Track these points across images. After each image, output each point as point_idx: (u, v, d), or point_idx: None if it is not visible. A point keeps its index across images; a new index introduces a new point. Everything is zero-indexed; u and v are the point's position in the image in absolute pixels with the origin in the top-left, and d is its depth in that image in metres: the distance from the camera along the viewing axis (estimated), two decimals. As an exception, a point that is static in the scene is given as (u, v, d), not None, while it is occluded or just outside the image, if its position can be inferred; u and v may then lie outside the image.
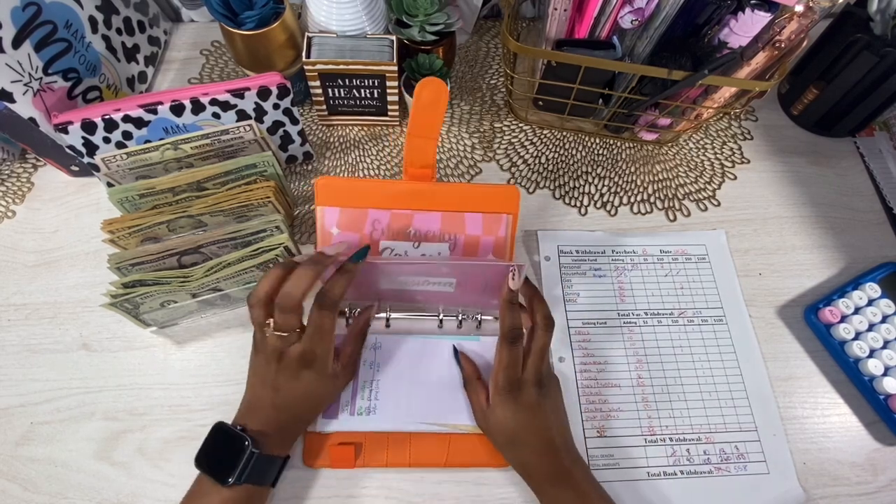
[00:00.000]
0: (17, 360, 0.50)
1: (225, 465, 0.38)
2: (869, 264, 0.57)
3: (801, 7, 0.45)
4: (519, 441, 0.42)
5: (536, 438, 0.42)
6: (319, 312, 0.40)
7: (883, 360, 0.50)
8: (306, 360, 0.41)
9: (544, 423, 0.42)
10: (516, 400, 0.42)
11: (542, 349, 0.44)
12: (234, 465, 0.38)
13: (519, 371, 0.43)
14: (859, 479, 0.47)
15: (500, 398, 0.43)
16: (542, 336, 0.44)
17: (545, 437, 0.42)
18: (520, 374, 0.43)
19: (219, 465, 0.39)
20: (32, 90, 0.49)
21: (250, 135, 0.50)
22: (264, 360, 0.41)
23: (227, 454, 0.39)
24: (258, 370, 0.42)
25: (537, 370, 0.43)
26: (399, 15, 0.56)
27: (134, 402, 0.49)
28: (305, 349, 0.40)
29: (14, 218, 0.57)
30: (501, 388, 0.43)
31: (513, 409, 0.42)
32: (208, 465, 0.39)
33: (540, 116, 0.64)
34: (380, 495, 0.45)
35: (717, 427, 0.49)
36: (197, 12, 0.70)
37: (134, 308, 0.46)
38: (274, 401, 0.41)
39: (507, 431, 0.43)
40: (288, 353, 0.40)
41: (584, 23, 0.51)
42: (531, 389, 0.42)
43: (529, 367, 0.43)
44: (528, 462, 0.42)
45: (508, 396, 0.42)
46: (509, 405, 0.42)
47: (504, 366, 0.43)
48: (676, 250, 0.57)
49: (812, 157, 0.64)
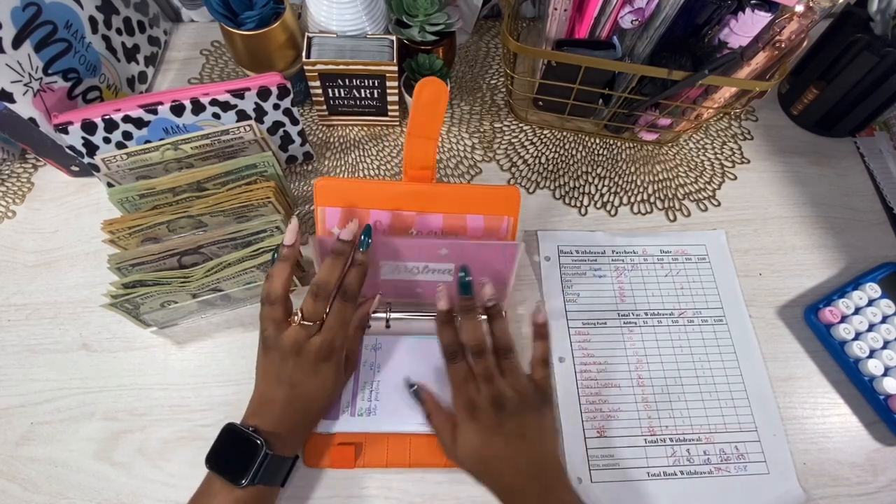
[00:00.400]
0: (17, 360, 0.50)
1: (238, 465, 0.38)
2: (869, 264, 0.57)
3: (801, 7, 0.45)
4: (486, 461, 0.40)
5: (501, 464, 0.40)
6: (342, 304, 0.41)
7: (883, 360, 0.50)
8: (326, 352, 0.41)
9: (509, 447, 0.40)
10: (476, 421, 0.40)
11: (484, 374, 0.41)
12: (248, 466, 0.38)
13: (471, 391, 0.41)
14: (859, 479, 0.47)
15: (461, 419, 0.41)
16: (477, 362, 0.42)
17: (512, 462, 0.39)
18: (473, 394, 0.41)
19: (231, 466, 0.39)
20: (32, 90, 0.49)
21: (250, 135, 0.50)
22: (279, 357, 0.41)
23: (240, 455, 0.39)
24: (271, 368, 0.41)
25: (490, 393, 0.40)
26: (399, 15, 0.56)
27: (134, 402, 0.49)
28: (326, 339, 0.41)
29: (14, 218, 0.57)
30: (460, 408, 0.41)
31: (473, 430, 0.40)
32: (220, 466, 0.39)
33: (540, 116, 0.64)
34: (380, 495, 0.45)
35: (717, 427, 0.49)
36: (197, 12, 0.70)
37: (134, 308, 0.46)
38: (288, 397, 0.41)
39: (472, 456, 0.40)
40: (308, 346, 0.40)
41: (584, 23, 0.51)
42: (489, 412, 0.40)
43: (482, 388, 0.41)
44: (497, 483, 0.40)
45: (467, 418, 0.41)
46: (469, 427, 0.40)
47: (454, 385, 0.42)
48: (676, 250, 0.57)
49: (812, 157, 0.64)
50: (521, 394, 0.41)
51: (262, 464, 0.38)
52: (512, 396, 0.40)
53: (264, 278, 0.42)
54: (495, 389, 0.40)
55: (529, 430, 0.40)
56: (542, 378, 0.43)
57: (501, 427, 0.40)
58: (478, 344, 0.42)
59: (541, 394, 0.42)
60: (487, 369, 0.41)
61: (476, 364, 0.42)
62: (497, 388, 0.40)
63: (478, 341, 0.42)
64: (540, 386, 0.43)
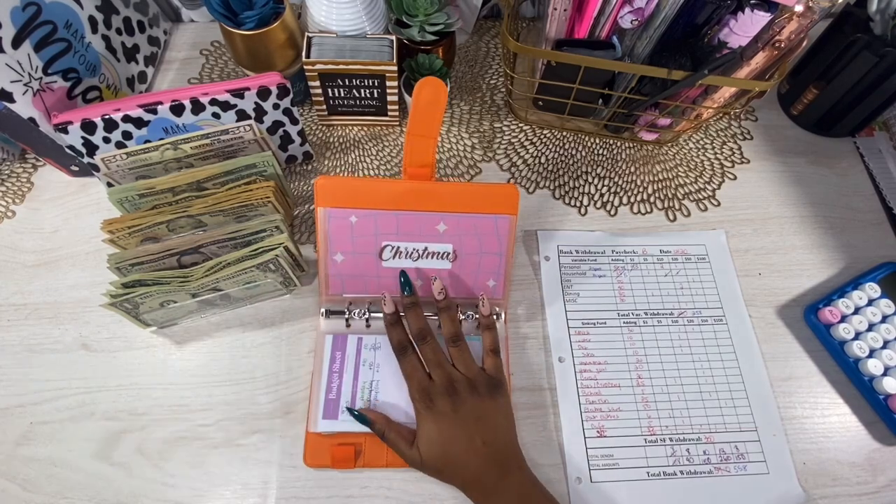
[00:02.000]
0: (17, 360, 0.50)
1: None
2: (869, 264, 0.57)
3: (801, 7, 0.45)
4: (449, 453, 0.41)
5: (459, 449, 0.41)
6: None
7: (883, 360, 0.50)
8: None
9: (466, 430, 0.42)
10: (432, 410, 0.42)
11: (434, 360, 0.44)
12: None
13: (423, 379, 0.43)
14: (859, 479, 0.47)
15: (418, 412, 0.43)
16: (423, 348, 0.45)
17: (470, 446, 0.41)
18: (425, 382, 0.43)
19: None
20: (32, 90, 0.49)
21: (250, 135, 0.50)
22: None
23: None
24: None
25: (442, 378, 0.43)
26: (399, 15, 0.56)
27: (134, 402, 0.49)
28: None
29: (14, 218, 0.57)
30: (416, 402, 0.43)
31: (431, 420, 0.42)
32: None
33: (540, 116, 0.64)
34: (379, 495, 0.45)
35: (717, 427, 0.49)
36: (197, 12, 0.70)
37: (134, 308, 0.46)
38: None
39: (432, 449, 0.42)
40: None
41: (584, 23, 0.51)
42: (443, 397, 0.42)
43: (433, 375, 0.44)
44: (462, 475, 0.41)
45: (423, 409, 0.43)
46: (427, 417, 0.42)
47: (408, 378, 0.44)
48: (676, 250, 0.57)
49: (812, 157, 0.64)
50: (471, 379, 0.44)
51: None
52: (461, 379, 0.43)
53: None
54: (445, 374, 0.43)
55: (484, 413, 0.42)
56: (492, 367, 0.45)
57: (457, 412, 0.42)
58: (421, 330, 0.45)
59: (493, 382, 0.44)
60: (436, 354, 0.44)
61: (423, 350, 0.45)
62: (447, 373, 0.43)
63: (420, 328, 0.45)
64: (491, 375, 0.45)
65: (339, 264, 0.49)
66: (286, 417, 0.48)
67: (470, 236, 0.48)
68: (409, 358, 0.45)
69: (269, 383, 0.49)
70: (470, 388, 0.43)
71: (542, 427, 0.48)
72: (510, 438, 0.43)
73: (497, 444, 0.42)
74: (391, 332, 0.46)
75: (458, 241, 0.48)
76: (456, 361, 0.45)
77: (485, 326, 0.48)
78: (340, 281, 0.49)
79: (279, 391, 0.49)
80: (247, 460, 0.46)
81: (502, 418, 0.43)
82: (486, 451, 0.41)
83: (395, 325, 0.46)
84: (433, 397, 0.42)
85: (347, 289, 0.50)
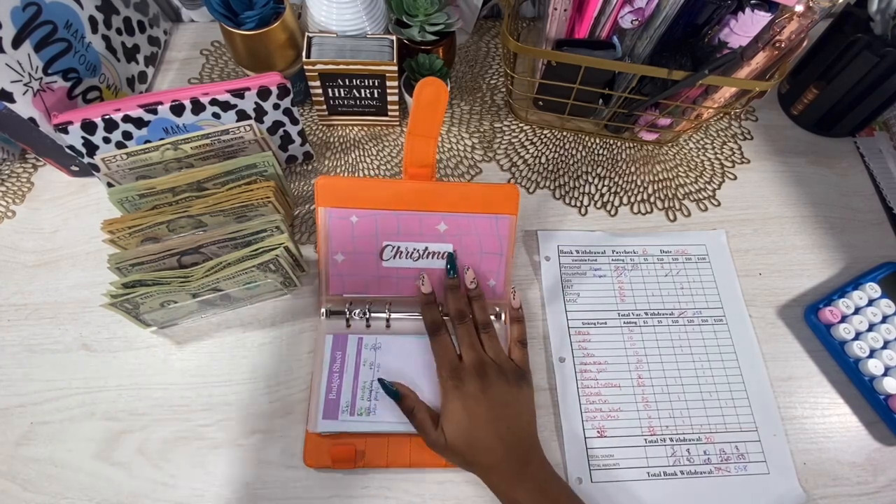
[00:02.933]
0: (17, 360, 0.50)
1: None
2: (869, 264, 0.57)
3: (801, 7, 0.45)
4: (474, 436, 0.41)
5: (484, 434, 0.41)
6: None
7: (883, 360, 0.50)
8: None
9: (490, 413, 0.42)
10: (460, 389, 0.42)
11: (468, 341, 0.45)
12: None
13: (454, 360, 0.44)
14: (859, 479, 0.47)
15: (446, 392, 0.43)
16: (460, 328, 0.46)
17: (495, 430, 0.41)
18: (457, 362, 0.44)
19: None
20: (32, 90, 0.49)
21: (250, 135, 0.50)
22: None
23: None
24: None
25: (473, 359, 0.44)
26: (399, 15, 0.56)
27: (134, 402, 0.49)
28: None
29: (14, 218, 0.57)
30: (445, 380, 0.44)
31: (458, 398, 0.42)
32: None
33: (540, 116, 0.64)
34: (379, 495, 0.45)
35: (718, 427, 0.49)
36: (197, 12, 0.70)
37: (134, 308, 0.46)
38: None
39: (457, 430, 0.41)
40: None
41: (584, 23, 0.51)
42: (472, 377, 0.43)
43: (465, 356, 0.44)
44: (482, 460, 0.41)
45: (451, 388, 0.43)
46: (454, 396, 0.42)
47: (438, 357, 0.45)
48: (676, 250, 0.57)
49: (812, 157, 0.64)
50: (500, 364, 0.44)
51: None
52: (491, 363, 0.44)
53: None
54: (477, 356, 0.44)
55: (511, 400, 0.43)
56: (519, 358, 0.46)
57: (485, 394, 0.42)
58: (460, 311, 0.46)
59: (520, 372, 0.45)
60: (470, 336, 0.45)
61: (458, 330, 0.46)
62: (478, 355, 0.44)
63: (460, 309, 0.46)
64: (519, 365, 0.46)
65: (339, 264, 0.49)
66: (286, 417, 0.48)
67: (470, 236, 0.48)
68: (441, 337, 0.45)
69: (269, 383, 0.49)
70: (499, 373, 0.43)
71: (543, 427, 0.48)
72: (532, 430, 0.44)
73: (520, 433, 0.42)
74: (426, 311, 0.47)
75: (458, 241, 0.48)
76: (486, 347, 0.45)
77: (514, 319, 0.48)
78: (341, 281, 0.49)
79: (279, 391, 0.49)
80: (247, 460, 0.46)
81: (526, 408, 0.44)
82: (511, 437, 0.41)
83: (431, 304, 0.47)
84: (463, 377, 0.43)
85: (348, 289, 0.50)
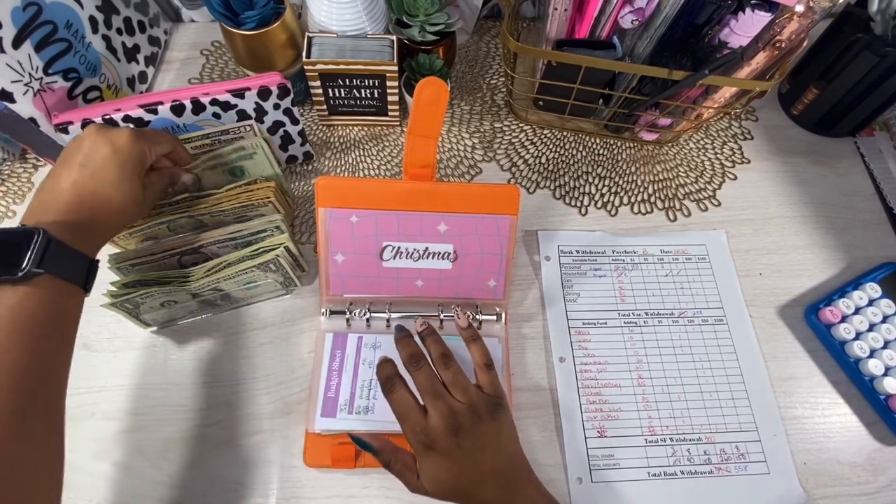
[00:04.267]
0: (17, 360, 0.50)
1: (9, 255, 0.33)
2: (869, 264, 0.57)
3: (802, 7, 0.45)
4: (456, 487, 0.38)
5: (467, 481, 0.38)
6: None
7: (883, 360, 0.50)
8: None
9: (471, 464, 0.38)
10: (433, 451, 0.38)
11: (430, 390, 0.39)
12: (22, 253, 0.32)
13: (421, 419, 0.38)
14: (860, 479, 0.47)
15: (417, 454, 0.39)
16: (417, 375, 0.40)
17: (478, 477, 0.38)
18: (423, 423, 0.38)
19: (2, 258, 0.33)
20: (33, 90, 0.49)
21: (251, 134, 0.50)
22: None
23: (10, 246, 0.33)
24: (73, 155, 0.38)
25: (441, 414, 0.38)
26: (399, 15, 0.56)
27: (134, 402, 0.48)
28: None
29: (14, 218, 0.57)
30: (413, 444, 0.39)
31: (433, 462, 0.38)
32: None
33: (540, 116, 0.64)
34: (380, 495, 0.45)
35: (718, 427, 0.49)
36: (197, 12, 0.70)
37: (134, 308, 0.46)
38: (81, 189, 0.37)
39: (440, 486, 0.39)
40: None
41: (584, 23, 0.51)
42: (445, 437, 0.37)
43: (430, 410, 0.38)
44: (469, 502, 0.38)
45: (423, 452, 0.38)
46: (428, 460, 0.38)
47: (400, 418, 0.39)
48: (677, 250, 0.57)
49: (812, 157, 0.64)
50: (472, 405, 0.39)
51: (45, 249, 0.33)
52: (463, 410, 0.39)
53: None
54: (445, 408, 0.38)
55: (488, 441, 0.39)
56: (487, 384, 0.41)
57: (461, 448, 0.38)
58: (413, 355, 0.41)
59: (491, 401, 0.40)
60: (430, 382, 0.40)
61: (416, 379, 0.40)
62: (447, 406, 0.38)
63: (412, 353, 0.41)
64: (489, 394, 0.41)
65: (339, 264, 0.49)
66: (286, 418, 0.48)
67: (471, 236, 0.48)
68: (398, 394, 0.40)
69: (269, 383, 0.49)
70: (472, 416, 0.39)
71: (543, 427, 0.48)
72: (516, 452, 0.40)
73: (505, 466, 0.39)
74: (378, 371, 0.41)
75: (458, 241, 0.48)
76: (451, 386, 0.40)
77: (471, 339, 0.44)
78: (341, 281, 0.49)
79: (279, 391, 0.49)
80: (247, 461, 0.46)
81: (506, 437, 0.40)
82: (495, 477, 0.38)
83: (383, 363, 0.42)
84: (434, 437, 0.38)
85: (348, 289, 0.50)
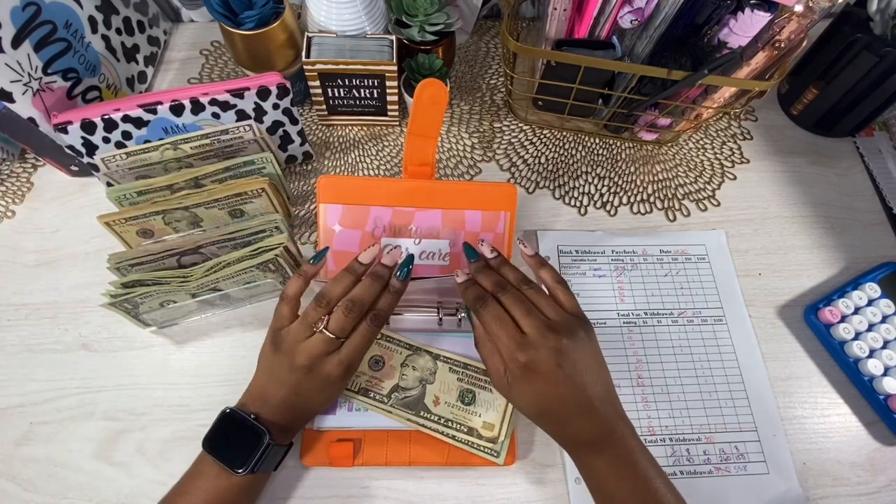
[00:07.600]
0: (16, 360, 0.50)
1: (239, 453, 0.38)
2: (869, 264, 0.57)
3: (801, 7, 0.45)
4: (548, 413, 0.38)
5: (563, 407, 0.37)
6: (372, 327, 0.41)
7: (883, 360, 0.50)
8: (345, 370, 0.40)
9: (568, 388, 0.37)
10: (530, 373, 0.37)
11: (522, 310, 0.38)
12: (250, 455, 0.38)
13: (518, 334, 0.37)
14: (859, 479, 0.47)
15: (514, 377, 0.38)
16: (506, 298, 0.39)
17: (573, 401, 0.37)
18: (520, 336, 0.37)
19: (232, 453, 0.39)
20: (32, 90, 0.49)
21: (250, 135, 0.50)
22: (288, 367, 0.40)
23: (242, 442, 0.39)
24: (277, 372, 0.40)
25: (537, 329, 0.37)
26: (399, 15, 0.56)
27: (134, 402, 0.49)
28: (346, 359, 0.40)
29: (14, 218, 0.57)
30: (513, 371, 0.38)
31: (531, 383, 0.37)
32: (220, 452, 0.39)
33: (540, 116, 0.64)
34: (379, 495, 0.45)
35: (717, 427, 0.49)
36: (197, 12, 0.70)
37: (133, 308, 0.46)
38: (290, 402, 0.41)
39: (532, 406, 0.38)
40: (325, 364, 0.40)
41: (583, 23, 0.51)
42: (542, 354, 0.36)
43: (525, 326, 0.38)
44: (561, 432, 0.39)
45: (520, 373, 0.37)
46: (526, 381, 0.37)
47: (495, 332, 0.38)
48: (676, 250, 0.57)
49: (812, 157, 0.64)
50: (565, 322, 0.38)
51: (264, 453, 0.39)
52: (558, 324, 0.38)
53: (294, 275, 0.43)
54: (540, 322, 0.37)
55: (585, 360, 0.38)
56: (569, 302, 0.40)
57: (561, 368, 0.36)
58: (499, 283, 0.40)
59: (579, 320, 0.39)
60: (522, 301, 0.39)
61: (507, 301, 0.39)
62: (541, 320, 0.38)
63: (498, 281, 0.40)
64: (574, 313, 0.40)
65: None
66: (286, 417, 0.48)
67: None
68: (494, 309, 0.39)
69: (269, 383, 0.49)
70: (568, 333, 0.37)
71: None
72: (609, 385, 0.39)
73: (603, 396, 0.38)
74: (466, 291, 0.41)
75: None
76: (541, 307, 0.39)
77: (539, 265, 0.42)
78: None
79: (279, 391, 0.49)
80: (247, 460, 0.46)
81: (601, 362, 0.39)
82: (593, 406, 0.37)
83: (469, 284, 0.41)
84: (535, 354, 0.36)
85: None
